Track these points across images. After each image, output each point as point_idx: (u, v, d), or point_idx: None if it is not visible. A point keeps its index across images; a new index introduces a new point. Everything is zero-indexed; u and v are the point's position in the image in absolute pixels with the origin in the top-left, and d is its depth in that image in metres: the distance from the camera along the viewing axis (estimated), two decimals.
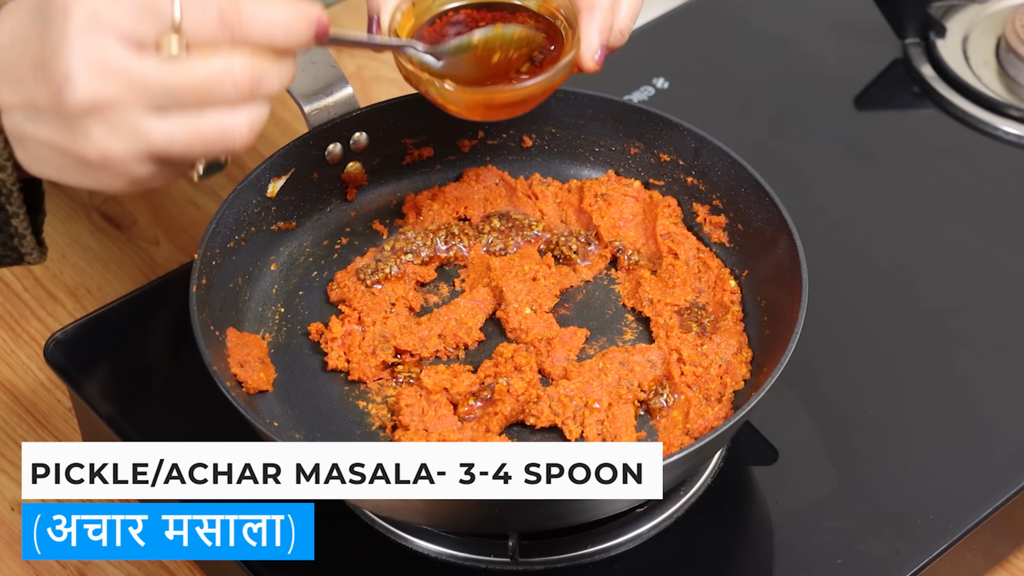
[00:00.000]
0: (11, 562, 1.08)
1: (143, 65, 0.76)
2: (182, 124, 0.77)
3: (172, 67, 0.76)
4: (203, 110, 0.77)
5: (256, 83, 0.78)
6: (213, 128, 0.78)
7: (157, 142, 0.77)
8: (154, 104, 0.76)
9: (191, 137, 0.78)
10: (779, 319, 1.01)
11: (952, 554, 0.99)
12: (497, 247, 1.12)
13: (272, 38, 0.78)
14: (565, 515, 0.92)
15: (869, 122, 1.34)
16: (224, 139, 0.78)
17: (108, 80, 0.75)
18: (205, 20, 0.76)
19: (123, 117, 0.76)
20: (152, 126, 0.77)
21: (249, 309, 1.07)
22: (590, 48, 0.98)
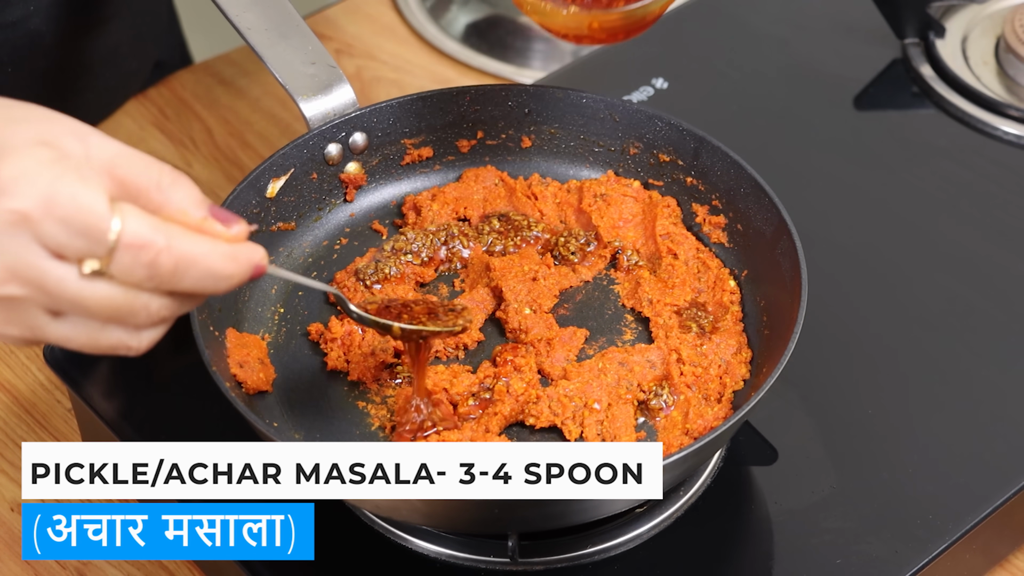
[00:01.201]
0: (11, 562, 1.08)
1: (59, 275, 0.73)
2: (80, 331, 0.75)
3: (88, 286, 0.73)
4: (105, 326, 0.75)
5: (170, 315, 0.76)
6: (111, 342, 0.76)
7: (52, 339, 0.75)
8: (58, 309, 0.74)
9: (85, 344, 0.76)
10: (778, 319, 1.01)
11: (952, 554, 0.99)
12: (497, 247, 1.12)
13: (200, 288, 0.76)
14: (565, 515, 0.92)
15: (869, 122, 1.34)
16: (118, 351, 0.77)
17: (18, 281, 0.73)
18: (137, 262, 0.73)
19: (23, 313, 0.74)
20: (49, 327, 0.75)
21: (249, 309, 1.07)
22: None
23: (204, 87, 1.46)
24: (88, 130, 0.75)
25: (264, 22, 1.12)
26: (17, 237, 0.72)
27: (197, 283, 0.75)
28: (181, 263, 0.74)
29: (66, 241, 0.72)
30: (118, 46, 1.37)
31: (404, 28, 1.52)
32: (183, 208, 0.75)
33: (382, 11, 1.54)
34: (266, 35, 1.11)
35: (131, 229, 0.73)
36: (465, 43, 1.51)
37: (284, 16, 1.12)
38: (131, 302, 0.74)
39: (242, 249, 0.77)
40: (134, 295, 0.74)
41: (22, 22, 1.24)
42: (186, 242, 0.74)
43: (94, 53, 1.35)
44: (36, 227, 0.71)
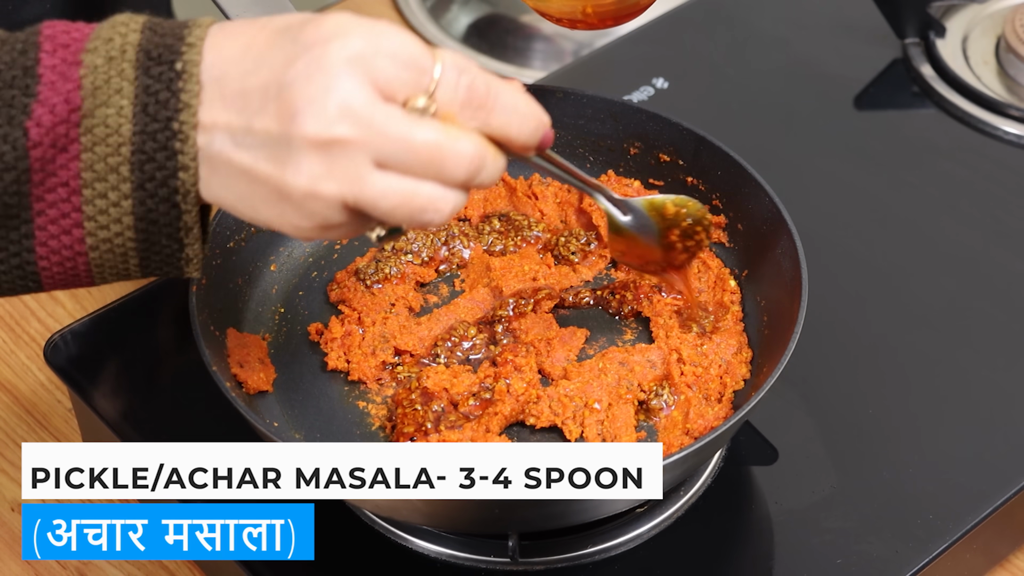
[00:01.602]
0: (11, 562, 1.08)
1: (388, 115, 0.74)
2: (399, 186, 0.75)
3: (414, 124, 0.75)
4: (422, 179, 0.76)
5: (476, 170, 0.77)
6: (423, 199, 0.76)
7: (368, 194, 0.75)
8: (382, 157, 0.75)
9: (401, 201, 0.76)
10: (779, 319, 1.01)
11: (952, 554, 0.99)
12: (497, 247, 1.12)
13: (507, 129, 0.78)
14: (565, 516, 0.92)
15: (869, 122, 1.34)
16: (427, 214, 0.76)
17: (350, 120, 0.73)
18: (457, 91, 0.76)
19: (348, 160, 0.74)
20: (371, 177, 0.75)
21: (249, 309, 1.07)
22: None
23: None
24: None
25: None
26: (352, 76, 0.73)
27: (507, 122, 0.78)
28: (493, 88, 0.77)
29: (396, 76, 0.74)
30: None
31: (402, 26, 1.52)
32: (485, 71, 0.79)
33: (382, 11, 1.54)
34: None
35: (450, 63, 0.76)
36: (465, 43, 1.51)
37: None
38: (452, 141, 0.75)
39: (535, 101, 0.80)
40: (454, 134, 0.76)
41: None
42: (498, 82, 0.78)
43: None
44: (370, 64, 0.74)
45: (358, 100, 0.74)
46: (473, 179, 0.77)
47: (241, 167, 0.75)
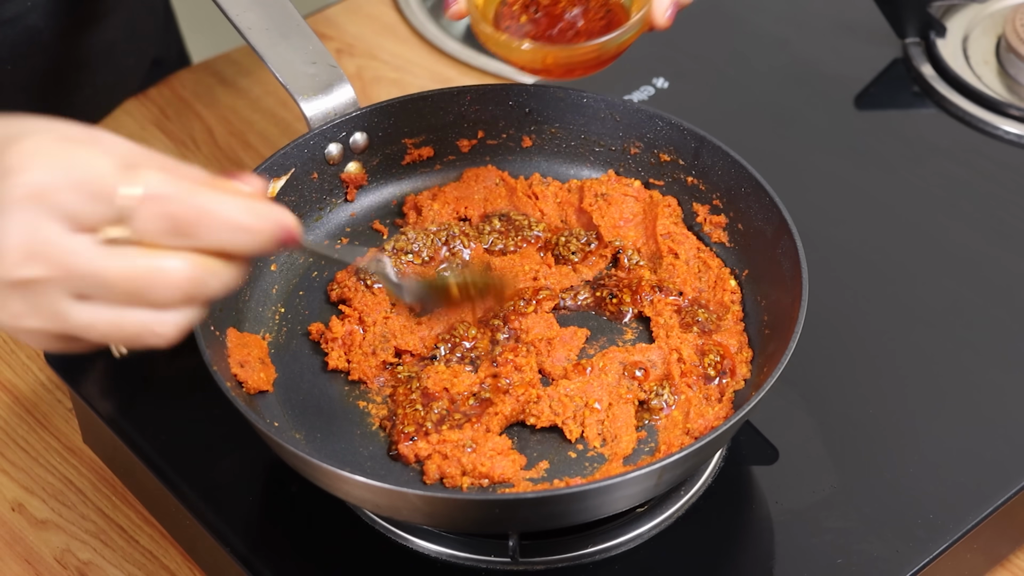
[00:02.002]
0: (11, 562, 1.08)
1: (76, 247, 0.71)
2: (104, 315, 0.73)
3: (108, 255, 0.72)
4: (129, 306, 0.73)
5: (195, 289, 0.73)
6: (135, 325, 0.73)
7: (74, 326, 0.73)
8: (79, 290, 0.72)
9: (110, 330, 0.73)
10: (779, 319, 1.01)
11: (953, 554, 0.99)
12: (497, 247, 1.12)
13: (225, 244, 0.73)
14: (565, 516, 0.92)
15: (869, 122, 1.34)
16: (144, 338, 0.74)
17: (35, 260, 0.71)
18: (158, 220, 0.72)
19: (44, 298, 0.72)
20: (72, 311, 0.73)
21: (249, 309, 1.07)
22: (661, 5, 0.97)
23: (205, 87, 1.46)
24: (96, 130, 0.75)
25: (265, 22, 1.12)
26: (34, 212, 0.70)
27: (221, 238, 0.73)
28: (202, 213, 0.72)
29: (83, 208, 0.71)
30: (115, 43, 1.37)
31: (405, 28, 1.52)
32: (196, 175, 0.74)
33: (383, 11, 1.54)
34: (267, 35, 1.11)
35: (150, 184, 0.71)
36: (466, 43, 1.51)
37: (285, 16, 1.12)
38: (153, 268, 0.72)
39: (265, 206, 0.75)
40: (156, 260, 0.72)
41: (20, 18, 1.24)
42: (205, 193, 0.73)
43: (91, 50, 1.35)
44: (53, 198, 0.70)
45: (41, 238, 0.70)
46: (196, 295, 0.73)
47: None
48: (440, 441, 0.97)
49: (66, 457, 1.14)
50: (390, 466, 0.98)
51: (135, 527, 1.10)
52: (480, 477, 0.96)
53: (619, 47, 0.98)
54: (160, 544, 1.09)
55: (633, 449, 0.99)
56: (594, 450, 0.99)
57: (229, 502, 1.01)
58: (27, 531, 1.09)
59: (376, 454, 0.99)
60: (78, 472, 1.13)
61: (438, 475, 0.97)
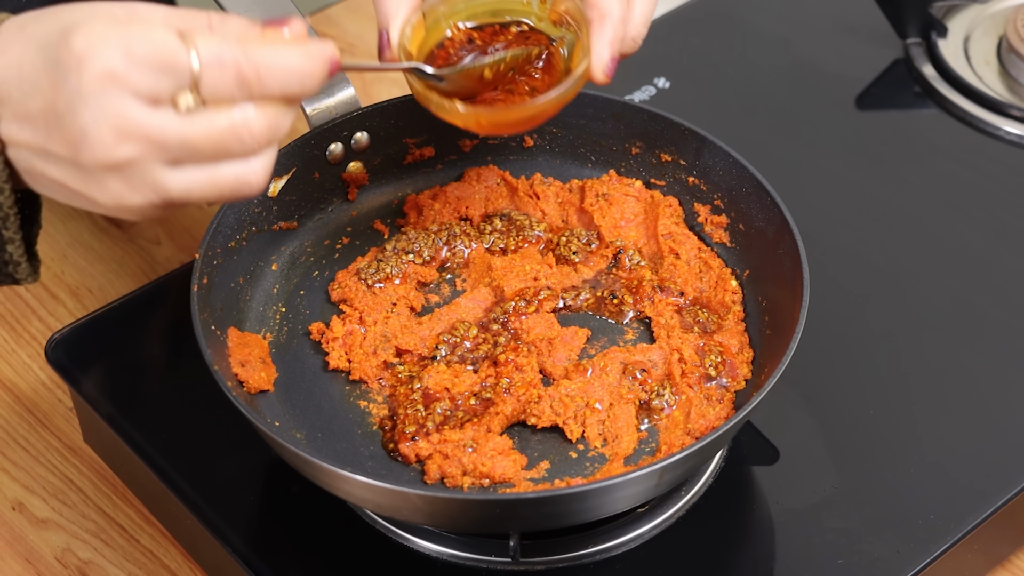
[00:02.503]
0: (12, 562, 1.08)
1: (160, 121, 0.75)
2: (199, 176, 0.77)
3: (189, 122, 0.75)
4: (219, 162, 0.77)
5: (271, 133, 0.78)
6: (230, 178, 0.78)
7: (174, 194, 0.77)
8: (171, 159, 0.76)
9: (207, 189, 0.77)
10: (780, 319, 1.01)
11: (953, 554, 0.99)
12: (498, 247, 1.12)
13: (288, 89, 0.78)
14: (566, 516, 0.92)
15: (870, 122, 1.34)
16: (240, 188, 0.78)
17: (126, 139, 0.74)
18: (222, 78, 0.76)
19: (141, 173, 0.76)
20: (169, 179, 0.77)
21: (250, 309, 1.07)
22: (601, 61, 0.96)
23: None
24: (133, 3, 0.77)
25: None
26: (112, 96, 0.74)
27: (283, 85, 0.77)
28: (262, 67, 0.76)
29: (155, 83, 0.74)
30: None
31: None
32: (241, 32, 0.78)
33: None
34: None
35: (207, 51, 0.75)
36: None
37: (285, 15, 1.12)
38: (233, 124, 0.76)
39: (312, 46, 0.79)
40: (233, 116, 0.76)
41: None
42: (260, 48, 0.77)
43: None
44: (125, 79, 0.74)
45: (125, 117, 0.74)
46: (270, 139, 0.78)
47: (56, 181, 0.78)
48: (441, 441, 0.97)
49: (66, 456, 1.14)
50: (390, 466, 0.98)
51: (135, 526, 1.10)
52: (481, 477, 0.96)
53: (557, 105, 0.97)
54: (160, 543, 1.09)
55: (634, 449, 0.99)
56: (595, 450, 0.99)
57: (229, 502, 1.01)
58: (27, 530, 1.09)
59: (376, 454, 0.99)
60: (78, 471, 1.13)
61: (439, 475, 0.97)
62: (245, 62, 0.76)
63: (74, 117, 0.74)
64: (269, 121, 0.78)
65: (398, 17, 0.99)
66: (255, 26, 0.79)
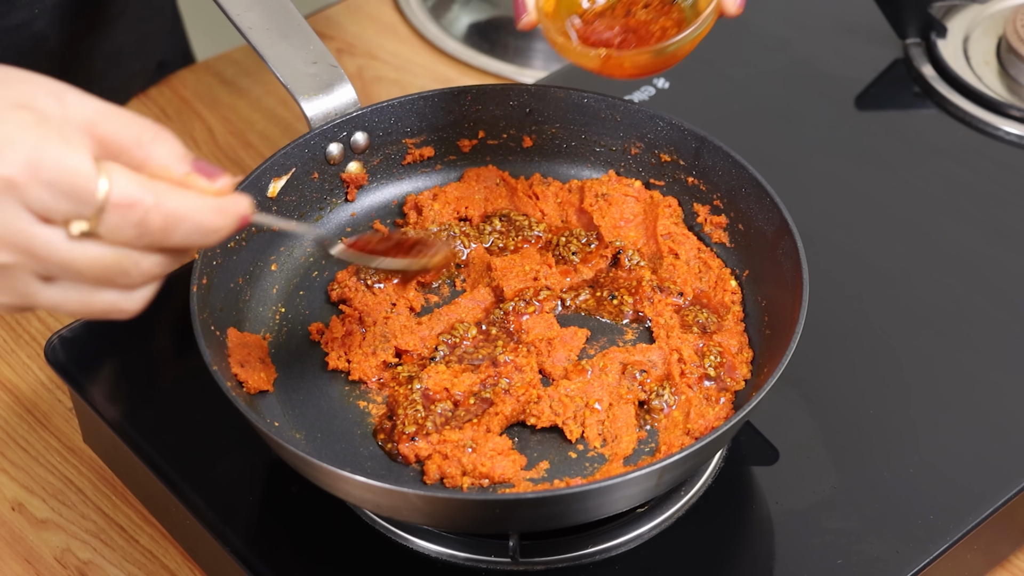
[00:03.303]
0: (12, 562, 1.08)
1: (47, 238, 0.72)
2: (72, 295, 0.75)
3: (78, 248, 0.73)
4: (97, 288, 0.75)
5: (160, 271, 0.76)
6: (104, 304, 0.75)
7: (42, 305, 0.75)
8: (48, 275, 0.74)
9: (77, 308, 0.75)
10: (780, 319, 1.01)
11: (953, 554, 0.99)
12: (498, 247, 1.12)
13: (190, 242, 0.75)
14: (565, 516, 0.92)
15: (870, 122, 1.34)
16: (111, 313, 0.76)
17: (6, 247, 0.72)
18: (125, 220, 0.73)
19: (13, 280, 0.74)
20: (40, 292, 0.74)
21: (250, 309, 1.07)
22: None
23: (205, 86, 1.46)
24: (64, 88, 0.74)
25: (265, 22, 1.12)
26: (4, 204, 0.71)
27: (186, 239, 0.74)
28: (170, 220, 0.73)
29: (53, 204, 0.71)
30: (122, 47, 1.37)
31: (405, 28, 1.52)
32: (166, 164, 0.75)
33: (383, 11, 1.54)
34: (267, 35, 1.11)
35: (118, 189, 0.72)
36: (466, 43, 1.51)
37: (285, 15, 1.12)
38: (121, 261, 0.74)
39: (229, 202, 0.76)
40: (124, 254, 0.74)
41: (26, 25, 1.24)
42: (174, 199, 0.73)
43: (98, 55, 1.35)
44: (23, 192, 0.71)
45: (12, 228, 0.71)
46: (161, 276, 0.76)
47: None
48: (440, 441, 0.97)
49: (66, 457, 1.14)
50: (390, 466, 0.98)
51: (135, 527, 1.10)
52: (480, 477, 0.96)
53: (692, 42, 0.98)
54: (160, 544, 1.09)
55: (633, 449, 0.99)
56: (594, 450, 0.99)
57: (229, 502, 1.01)
58: (27, 531, 1.09)
59: (376, 454, 0.99)
60: (78, 472, 1.13)
61: (438, 475, 0.97)
62: (154, 211, 0.73)
63: None
64: (161, 265, 0.75)
65: None
66: (184, 160, 0.75)
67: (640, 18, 1.01)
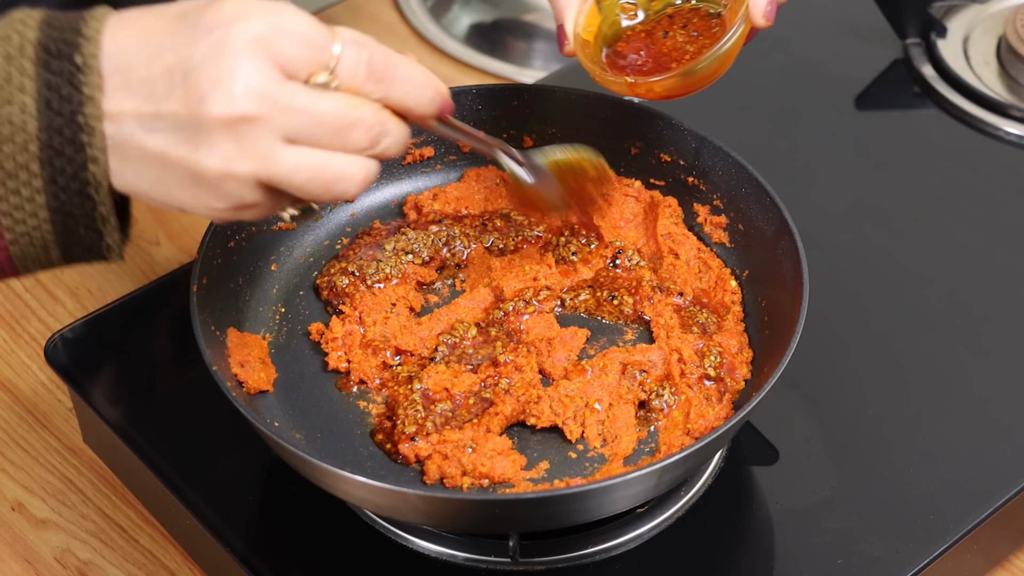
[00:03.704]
0: (12, 562, 1.08)
1: (291, 90, 0.76)
2: (309, 159, 0.78)
3: (317, 98, 0.77)
4: (331, 151, 0.78)
5: (379, 135, 0.80)
6: (335, 170, 0.78)
7: (281, 170, 0.77)
8: (291, 133, 0.77)
9: (313, 174, 0.78)
10: (780, 319, 1.01)
11: (953, 554, 0.99)
12: (498, 247, 1.12)
13: (406, 99, 0.81)
14: (565, 516, 0.92)
15: (870, 122, 1.34)
16: (339, 184, 0.79)
17: (255, 99, 0.75)
18: (358, 66, 0.78)
19: (258, 138, 0.76)
20: (282, 153, 0.77)
21: (250, 309, 1.07)
22: (759, 5, 0.97)
23: None
24: None
25: None
26: (255, 56, 0.75)
27: (404, 93, 0.81)
28: (392, 70, 0.80)
29: (297, 55, 0.77)
30: None
31: (405, 28, 1.52)
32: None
33: (383, 11, 1.54)
34: None
35: (350, 38, 0.79)
36: (466, 43, 1.51)
37: None
38: (354, 110, 0.78)
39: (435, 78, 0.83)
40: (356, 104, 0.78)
41: None
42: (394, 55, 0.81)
43: None
44: (271, 44, 0.76)
45: (262, 79, 0.75)
46: (377, 144, 0.80)
47: (153, 152, 0.76)
48: (440, 441, 0.97)
49: (66, 457, 1.14)
50: (390, 466, 0.98)
51: (135, 527, 1.10)
52: (480, 477, 0.96)
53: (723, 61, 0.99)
54: (160, 544, 1.09)
55: (633, 449, 0.99)
56: (594, 450, 0.99)
57: (229, 502, 1.01)
58: (27, 531, 1.09)
59: (376, 454, 0.99)
60: (78, 472, 1.13)
61: (438, 475, 0.97)
62: (381, 58, 0.79)
63: (210, 69, 0.75)
64: (382, 124, 0.80)
65: (571, 8, 1.01)
66: None
67: (677, 40, 1.01)
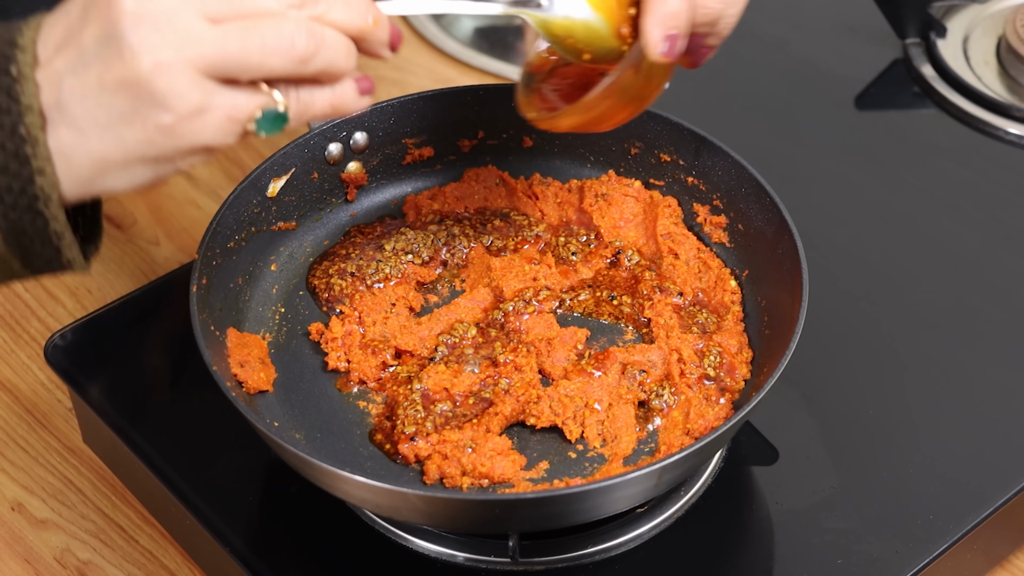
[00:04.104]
0: (11, 562, 1.08)
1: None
2: (235, 28, 0.75)
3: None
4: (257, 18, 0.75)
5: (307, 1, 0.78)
6: (267, 33, 0.76)
7: (210, 47, 0.74)
8: (210, 11, 0.74)
9: (244, 41, 0.75)
10: (779, 319, 1.01)
11: (952, 554, 0.99)
12: (497, 247, 1.12)
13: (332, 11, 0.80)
14: (565, 516, 0.92)
15: (869, 122, 1.34)
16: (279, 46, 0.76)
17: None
18: None
19: (177, 22, 0.73)
20: (205, 28, 0.74)
21: (249, 309, 1.07)
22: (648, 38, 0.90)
23: None
24: None
25: None
26: None
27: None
28: None
29: None
30: None
31: (405, 28, 1.52)
32: None
33: None
34: None
35: None
36: (466, 43, 1.51)
37: None
38: None
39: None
40: None
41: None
42: None
43: None
44: None
45: None
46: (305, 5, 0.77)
47: (91, 87, 0.74)
48: (440, 441, 0.97)
49: (66, 457, 1.14)
50: (390, 466, 0.98)
51: (135, 527, 1.10)
52: (480, 477, 0.96)
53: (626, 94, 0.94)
54: (160, 544, 1.09)
55: (633, 449, 0.99)
56: (594, 450, 0.99)
57: (229, 502, 1.01)
58: (27, 531, 1.09)
59: (376, 454, 0.99)
60: (78, 472, 1.13)
61: (438, 475, 0.97)
62: None
63: None
64: None
65: None
66: None
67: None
